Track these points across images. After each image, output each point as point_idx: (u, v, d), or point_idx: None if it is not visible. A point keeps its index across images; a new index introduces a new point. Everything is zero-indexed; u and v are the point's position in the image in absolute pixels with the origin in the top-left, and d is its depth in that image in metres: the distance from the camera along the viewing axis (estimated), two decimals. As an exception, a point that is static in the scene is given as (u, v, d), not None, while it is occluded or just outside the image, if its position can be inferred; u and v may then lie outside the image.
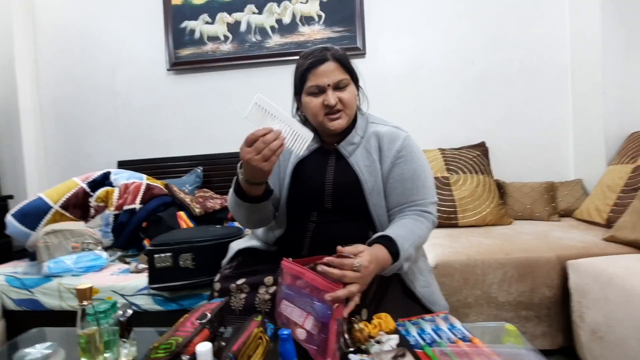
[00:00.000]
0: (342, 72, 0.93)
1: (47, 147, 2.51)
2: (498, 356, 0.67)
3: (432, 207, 0.97)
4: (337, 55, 0.93)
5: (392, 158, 0.96)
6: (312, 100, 0.94)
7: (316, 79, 0.92)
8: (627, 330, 1.06)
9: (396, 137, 0.98)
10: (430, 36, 2.23)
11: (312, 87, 0.93)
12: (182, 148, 2.41)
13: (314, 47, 0.96)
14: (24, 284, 1.48)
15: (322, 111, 0.93)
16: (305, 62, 0.93)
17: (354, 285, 0.73)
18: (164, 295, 1.36)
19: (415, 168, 0.96)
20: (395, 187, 0.96)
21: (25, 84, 2.39)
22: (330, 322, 0.70)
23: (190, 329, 0.66)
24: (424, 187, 0.96)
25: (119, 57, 2.43)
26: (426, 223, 0.95)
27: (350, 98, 0.94)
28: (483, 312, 1.42)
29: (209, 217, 1.89)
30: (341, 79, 0.92)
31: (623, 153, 1.86)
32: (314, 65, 0.92)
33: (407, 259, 0.89)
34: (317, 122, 0.96)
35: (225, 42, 2.33)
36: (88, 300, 0.72)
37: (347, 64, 0.95)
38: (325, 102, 0.91)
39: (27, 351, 0.86)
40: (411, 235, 0.90)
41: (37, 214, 1.71)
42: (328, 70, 0.91)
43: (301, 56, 0.97)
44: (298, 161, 1.00)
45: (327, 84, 0.91)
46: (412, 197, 0.95)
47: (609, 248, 1.42)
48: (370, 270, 0.77)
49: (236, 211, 0.98)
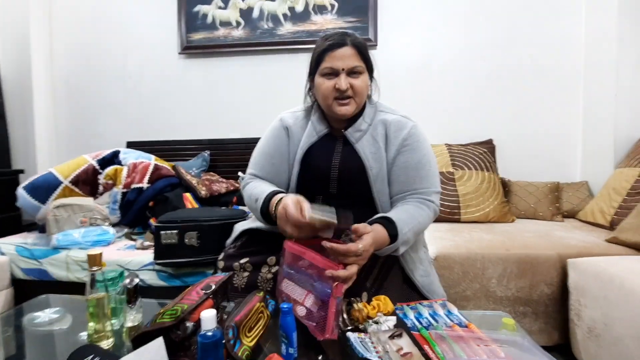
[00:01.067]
0: (357, 59, 0.94)
1: (58, 124, 2.55)
2: (493, 341, 0.68)
3: (435, 196, 0.98)
4: (356, 42, 0.94)
5: (398, 146, 0.97)
6: (324, 82, 0.95)
7: (332, 61, 0.93)
8: (624, 329, 1.07)
9: (403, 126, 0.99)
10: (442, 31, 2.22)
11: (326, 68, 0.94)
12: (191, 132, 2.43)
13: (334, 31, 0.97)
14: (33, 255, 1.52)
15: (332, 94, 0.94)
16: (324, 44, 0.94)
17: (354, 267, 0.76)
18: (168, 271, 1.39)
19: (420, 157, 0.97)
20: (399, 175, 0.97)
21: (39, 61, 2.42)
22: (329, 300, 0.72)
23: (196, 297, 0.68)
24: (427, 176, 0.97)
25: (131, 39, 2.45)
26: (427, 211, 0.96)
27: (362, 86, 0.95)
28: (481, 305, 1.43)
29: (215, 199, 1.91)
30: (356, 65, 0.93)
31: (632, 156, 1.85)
32: (332, 47, 0.93)
33: (405, 243, 0.92)
34: (326, 105, 0.97)
35: (237, 27, 2.33)
36: (98, 267, 0.74)
37: (365, 52, 0.95)
38: (337, 85, 0.92)
39: (37, 314, 0.90)
40: (411, 220, 0.92)
41: (47, 188, 1.75)
42: (345, 55, 0.92)
43: (321, 38, 0.98)
44: (308, 147, 1.02)
45: (341, 67, 0.92)
46: (416, 185, 0.96)
47: (610, 249, 1.42)
48: (370, 252, 0.80)
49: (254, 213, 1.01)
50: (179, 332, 0.62)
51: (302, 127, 1.04)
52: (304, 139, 1.02)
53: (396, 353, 0.65)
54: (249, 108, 2.38)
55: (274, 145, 1.05)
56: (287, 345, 0.65)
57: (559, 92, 2.14)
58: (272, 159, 1.04)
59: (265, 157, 1.05)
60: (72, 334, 0.83)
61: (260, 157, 1.07)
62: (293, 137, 1.04)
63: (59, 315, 0.90)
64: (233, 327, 0.66)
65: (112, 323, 0.78)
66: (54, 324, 0.87)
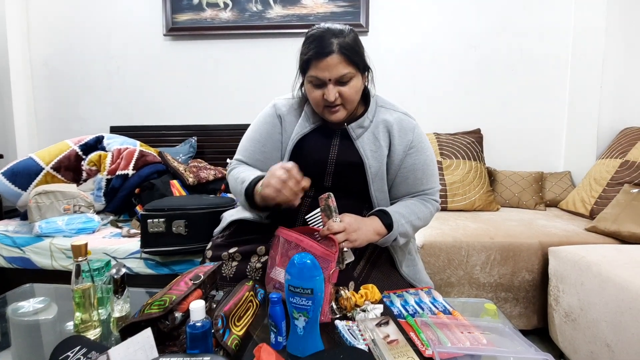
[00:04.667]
0: (345, 66, 0.87)
1: (38, 108, 2.45)
2: (476, 328, 0.71)
3: (437, 195, 1.03)
4: (343, 47, 0.86)
5: (404, 148, 0.97)
6: (312, 90, 0.91)
7: (317, 71, 0.87)
8: (598, 314, 1.12)
9: (407, 127, 0.98)
10: (434, 18, 2.20)
11: (312, 77, 0.89)
12: (177, 117, 2.38)
13: (321, 29, 0.89)
14: (15, 242, 1.48)
15: (321, 103, 0.92)
16: (308, 51, 0.88)
17: (346, 218, 0.86)
18: (156, 259, 1.39)
19: (425, 158, 0.99)
20: (407, 177, 0.98)
21: (16, 41, 2.31)
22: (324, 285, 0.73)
23: (184, 288, 0.68)
24: (432, 176, 1.01)
25: (114, 20, 2.35)
26: (430, 208, 1.00)
27: (352, 93, 0.90)
28: (464, 291, 1.48)
29: (202, 187, 1.89)
30: (344, 73, 0.87)
31: (613, 148, 1.90)
32: (316, 57, 0.86)
33: (404, 235, 0.94)
34: (317, 111, 0.96)
35: (224, 9, 2.26)
36: (83, 257, 0.73)
37: (353, 57, 0.88)
38: (325, 96, 0.89)
39: (21, 304, 0.88)
40: (409, 214, 0.94)
41: (27, 174, 1.70)
42: (331, 65, 0.86)
43: (306, 38, 0.91)
44: (300, 138, 1.00)
45: (327, 78, 0.87)
46: (422, 186, 1.00)
47: (589, 238, 1.47)
48: (353, 219, 0.87)
49: (238, 199, 1.00)
50: (167, 322, 0.62)
51: (296, 116, 1.02)
52: (296, 129, 0.99)
53: (383, 340, 0.67)
54: (237, 93, 2.34)
55: (266, 132, 1.02)
56: (276, 334, 0.66)
57: (546, 82, 2.17)
58: (262, 146, 1.02)
59: (255, 144, 1.03)
60: (58, 324, 0.82)
61: (249, 144, 1.04)
62: (286, 126, 1.01)
63: (44, 305, 0.89)
64: (222, 316, 0.66)
65: (99, 313, 0.78)
66: (39, 314, 0.85)
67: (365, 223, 0.89)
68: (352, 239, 0.84)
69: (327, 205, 0.86)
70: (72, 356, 0.59)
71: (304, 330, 0.64)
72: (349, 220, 0.86)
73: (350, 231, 0.84)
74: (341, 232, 0.83)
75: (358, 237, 0.85)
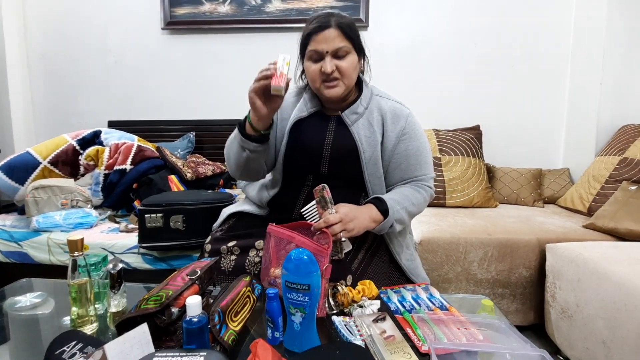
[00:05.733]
0: (342, 40, 0.92)
1: (35, 102, 2.44)
2: (472, 324, 0.71)
3: (431, 181, 1.04)
4: (340, 22, 0.92)
5: (397, 134, 0.98)
6: (311, 65, 0.94)
7: (316, 44, 0.92)
8: (594, 310, 1.12)
9: (400, 114, 1.00)
10: (434, 14, 2.19)
11: (311, 51, 0.93)
12: (175, 112, 2.36)
13: (321, 12, 0.95)
14: (13, 237, 1.48)
15: (319, 78, 0.94)
16: (308, 27, 0.94)
17: (342, 208, 0.86)
18: (154, 254, 1.38)
19: (419, 145, 1.00)
20: (400, 163, 0.99)
21: (12, 34, 2.29)
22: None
23: (181, 283, 0.68)
24: (425, 163, 1.02)
25: (112, 13, 2.33)
26: (423, 194, 1.01)
27: (349, 67, 0.93)
28: (462, 287, 1.48)
29: (201, 182, 1.89)
30: (340, 46, 0.91)
31: (612, 145, 1.89)
32: (316, 31, 0.92)
33: (400, 222, 0.95)
34: (315, 87, 0.97)
35: (223, 3, 2.24)
36: (79, 252, 0.73)
37: (350, 32, 0.93)
38: (322, 68, 0.91)
39: (18, 299, 0.88)
40: (404, 200, 0.96)
41: (25, 168, 1.69)
42: (329, 37, 0.91)
43: (307, 20, 0.97)
44: (296, 121, 1.01)
45: (325, 50, 0.91)
46: (415, 172, 1.01)
47: (587, 235, 1.47)
48: (349, 209, 0.87)
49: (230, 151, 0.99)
50: (164, 317, 0.62)
51: (294, 102, 1.05)
52: (294, 112, 1.02)
53: (379, 336, 0.67)
54: (235, 89, 2.32)
55: None
56: (273, 330, 0.66)
57: (546, 79, 2.16)
58: None
59: None
60: (55, 318, 0.82)
61: None
62: (282, 111, 1.03)
63: (41, 300, 0.88)
64: (219, 312, 0.66)
65: (95, 308, 0.77)
66: (36, 309, 0.85)
67: (362, 211, 0.90)
68: (349, 228, 0.85)
69: (322, 197, 0.86)
70: (68, 351, 0.59)
71: (301, 325, 0.64)
72: (344, 210, 0.86)
73: (347, 221, 0.85)
74: (338, 223, 0.83)
75: (355, 226, 0.86)
